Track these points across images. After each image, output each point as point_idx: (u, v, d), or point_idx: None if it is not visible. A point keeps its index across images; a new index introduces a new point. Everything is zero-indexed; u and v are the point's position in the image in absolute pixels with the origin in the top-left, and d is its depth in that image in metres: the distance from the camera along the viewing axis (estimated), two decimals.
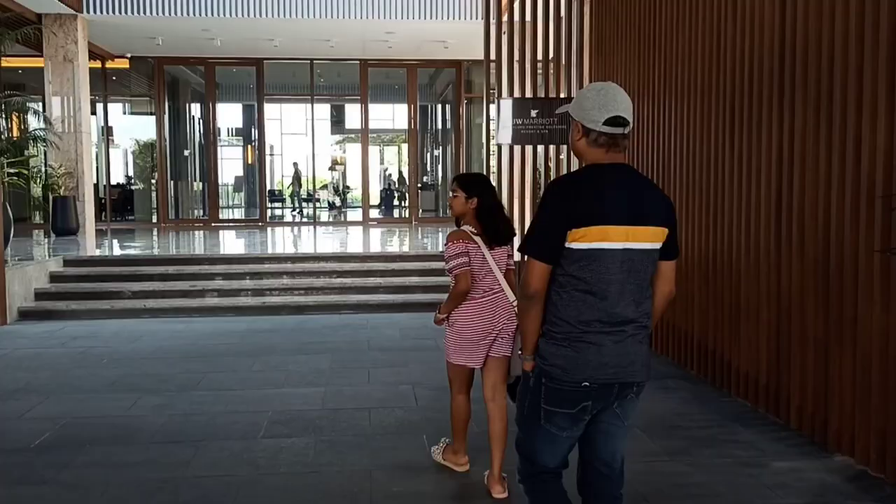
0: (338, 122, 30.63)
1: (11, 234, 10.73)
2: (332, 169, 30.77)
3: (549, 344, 2.59)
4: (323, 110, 25.85)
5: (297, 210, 23.79)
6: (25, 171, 13.65)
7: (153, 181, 19.57)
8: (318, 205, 30.55)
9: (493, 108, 10.54)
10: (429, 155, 23.41)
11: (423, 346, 7.63)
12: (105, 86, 18.95)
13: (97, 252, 11.97)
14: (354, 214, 25.43)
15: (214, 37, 16.43)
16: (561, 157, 10.15)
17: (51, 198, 14.64)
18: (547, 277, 2.57)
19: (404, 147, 33.06)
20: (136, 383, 6.24)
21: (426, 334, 7.99)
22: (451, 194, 3.91)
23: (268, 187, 24.55)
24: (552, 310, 2.59)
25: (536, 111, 9.09)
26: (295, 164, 24.66)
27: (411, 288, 10.12)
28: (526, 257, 2.59)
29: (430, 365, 6.60)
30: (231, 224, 20.01)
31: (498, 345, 3.87)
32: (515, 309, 3.68)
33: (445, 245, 3.84)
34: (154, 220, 19.36)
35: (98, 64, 18.60)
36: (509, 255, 3.92)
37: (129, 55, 18.48)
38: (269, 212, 21.31)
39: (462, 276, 3.75)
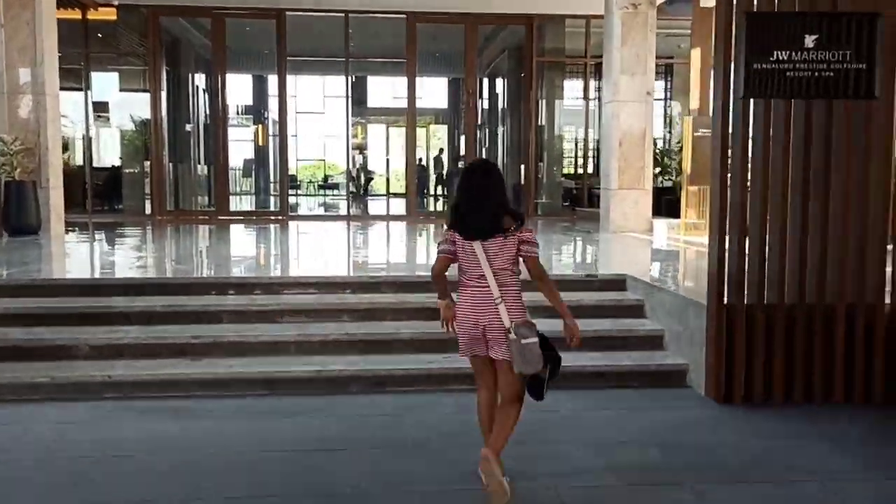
0: (367, 97, 26.53)
1: None
2: (360, 152, 26.64)
3: None
4: (358, 81, 21.73)
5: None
6: None
7: (147, 163, 15.31)
8: (333, 195, 26.63)
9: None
10: (487, 137, 19.07)
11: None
12: (86, 42, 14.71)
13: (42, 272, 7.82)
14: (378, 206, 21.32)
15: None
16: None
17: (1, 183, 10.48)
18: None
19: (441, 127, 29.06)
20: None
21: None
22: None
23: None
24: None
25: (815, 38, 4.90)
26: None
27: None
28: None
29: None
30: (244, 217, 15.77)
31: (490, 346, 3.61)
32: (497, 305, 3.51)
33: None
34: (147, 210, 15.14)
35: (77, 14, 14.35)
36: (522, 242, 3.55)
37: (115, 2, 14.22)
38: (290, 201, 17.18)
39: (437, 259, 3.68)
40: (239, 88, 25.20)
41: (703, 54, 10.72)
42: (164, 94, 15.28)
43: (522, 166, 16.48)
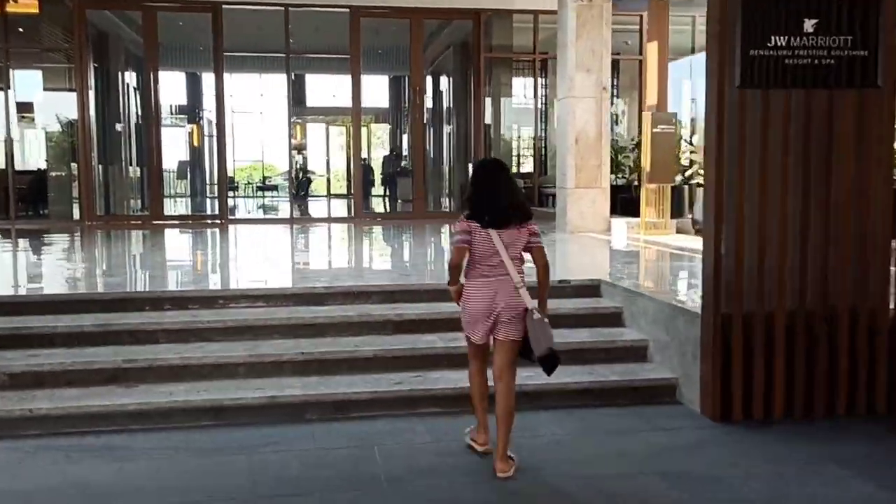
0: (306, 96, 25.75)
1: None
2: (299, 151, 25.89)
3: None
4: (297, 80, 20.95)
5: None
6: None
7: (74, 165, 14.29)
8: (273, 196, 25.75)
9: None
10: (433, 135, 18.49)
11: None
12: (5, 36, 13.64)
13: None
14: (319, 207, 20.61)
15: None
16: None
17: None
18: None
19: (381, 126, 28.37)
20: None
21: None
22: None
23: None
24: None
25: (815, 22, 4.49)
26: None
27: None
28: None
29: None
30: (180, 222, 14.86)
31: (501, 326, 3.86)
32: (518, 289, 3.79)
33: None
34: (76, 215, 14.14)
35: None
36: (532, 234, 3.89)
37: None
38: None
39: (455, 250, 3.90)
40: (172, 87, 24.13)
41: (659, 48, 10.37)
42: (91, 93, 14.30)
43: (470, 165, 15.99)
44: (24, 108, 15.24)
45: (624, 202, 11.83)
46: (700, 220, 10.49)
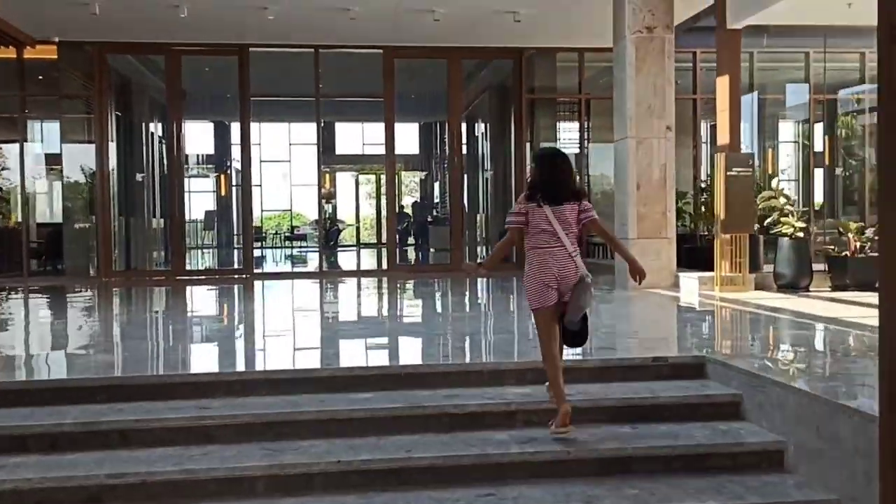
0: (335, 143, 24.94)
1: None
2: (328, 200, 24.99)
3: None
4: (327, 125, 20.05)
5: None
6: None
7: (93, 217, 13.30)
8: (301, 247, 24.72)
9: None
10: (467, 182, 17.34)
11: None
12: (22, 85, 12.81)
13: None
14: (348, 259, 19.53)
15: (179, 3, 10.50)
16: None
17: None
18: None
19: (410, 174, 27.38)
20: None
21: None
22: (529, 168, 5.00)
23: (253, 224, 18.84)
24: None
25: None
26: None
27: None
28: None
29: None
30: (205, 276, 13.74)
31: (564, 290, 4.18)
32: (574, 257, 4.18)
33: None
34: (92, 271, 13.12)
35: (12, 53, 12.49)
36: (582, 211, 4.24)
37: (56, 39, 12.40)
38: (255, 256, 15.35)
39: (510, 230, 4.35)
40: (200, 136, 23.49)
41: (731, 81, 9.17)
42: (112, 143, 13.43)
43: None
44: (52, 160, 14.40)
45: (688, 253, 10.49)
46: (786, 275, 9.25)
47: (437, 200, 24.79)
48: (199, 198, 26.51)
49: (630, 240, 9.61)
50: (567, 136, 14.61)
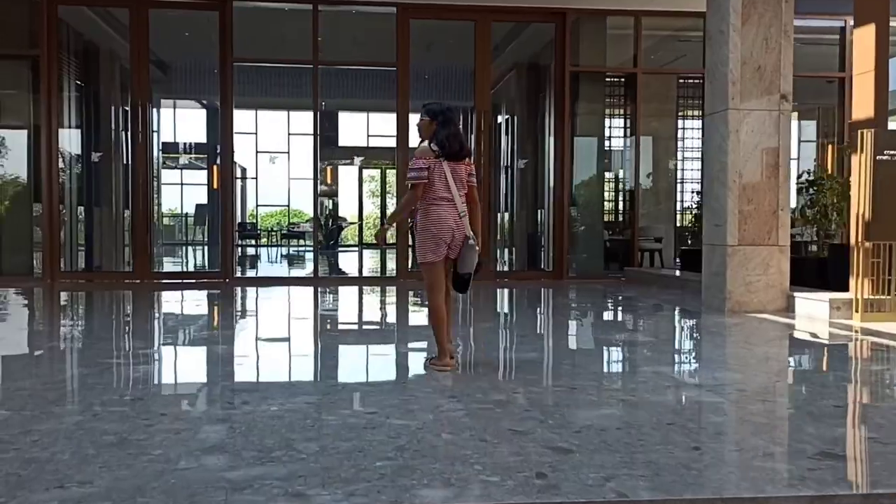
0: (337, 136, 22.38)
1: None
2: (329, 197, 22.53)
3: None
4: (329, 116, 17.48)
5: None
6: None
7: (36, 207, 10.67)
8: (300, 246, 22.14)
9: None
10: (493, 175, 14.66)
11: None
12: None
13: None
14: (349, 261, 17.00)
15: None
16: None
17: None
18: None
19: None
20: None
21: None
22: (419, 120, 4.41)
23: (237, 219, 16.43)
24: None
25: None
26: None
27: None
28: None
29: None
30: (172, 281, 11.08)
31: (453, 247, 4.27)
32: (462, 216, 4.23)
33: (412, 160, 4.27)
34: (39, 271, 10.51)
35: None
36: (469, 174, 4.36)
37: None
38: (237, 256, 12.83)
39: (417, 186, 4.22)
40: (188, 121, 21.01)
41: (878, 33, 6.57)
42: (67, 116, 10.89)
43: (542, 212, 12.24)
44: None
45: (801, 265, 7.80)
46: None
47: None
48: (192, 191, 23.92)
49: (727, 247, 7.00)
50: (616, 123, 11.98)
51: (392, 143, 11.26)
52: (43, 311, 7.94)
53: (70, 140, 11.53)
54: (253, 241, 22.87)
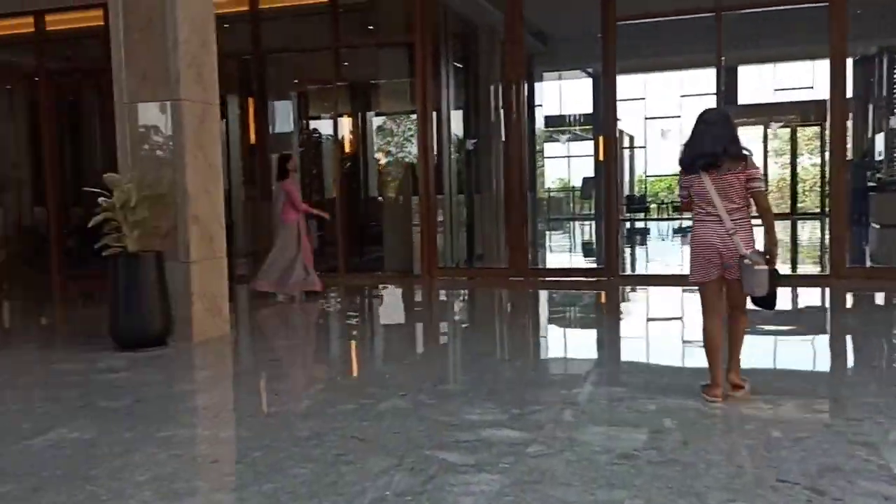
0: (737, 92, 19.34)
1: None
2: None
3: None
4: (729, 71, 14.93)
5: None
6: None
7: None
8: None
9: None
10: None
11: None
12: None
13: None
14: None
15: None
16: None
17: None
18: None
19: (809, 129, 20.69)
20: None
21: None
22: None
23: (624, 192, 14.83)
24: None
25: None
26: None
27: None
28: None
29: None
30: (548, 279, 9.70)
31: (728, 269, 3.84)
32: (731, 234, 3.75)
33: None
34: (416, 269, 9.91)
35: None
36: (749, 179, 3.78)
37: None
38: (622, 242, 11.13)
39: (683, 206, 4.07)
40: (574, 92, 19.89)
41: None
42: (445, 100, 10.21)
43: None
44: None
45: None
46: None
47: (879, 157, 17.68)
48: (580, 163, 22.70)
49: None
50: None
51: (802, 95, 8.50)
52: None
53: (448, 125, 10.75)
54: (641, 215, 20.96)
